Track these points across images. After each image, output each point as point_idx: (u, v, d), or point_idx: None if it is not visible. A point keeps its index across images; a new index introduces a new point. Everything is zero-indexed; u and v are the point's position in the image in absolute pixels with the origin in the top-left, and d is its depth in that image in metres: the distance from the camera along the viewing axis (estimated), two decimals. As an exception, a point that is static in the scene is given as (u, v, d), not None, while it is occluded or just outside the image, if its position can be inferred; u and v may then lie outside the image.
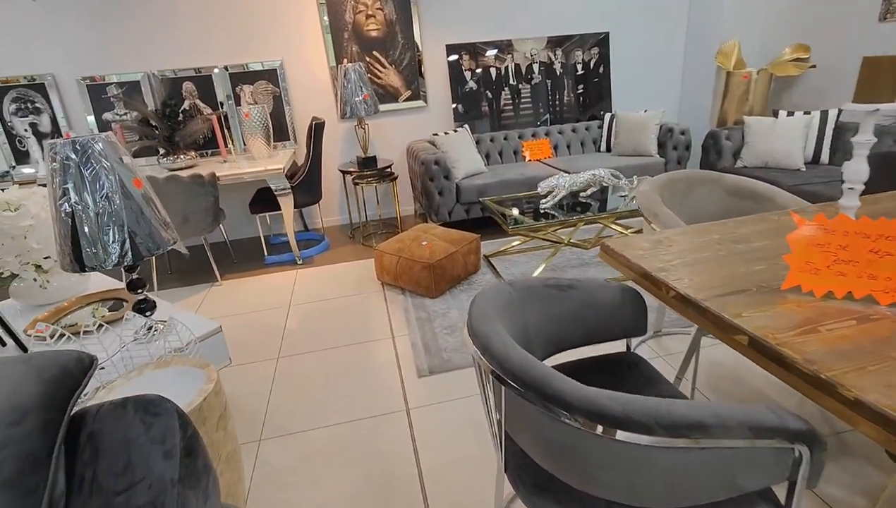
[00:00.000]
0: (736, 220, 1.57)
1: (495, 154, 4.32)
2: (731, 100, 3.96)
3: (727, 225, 1.55)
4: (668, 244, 1.45)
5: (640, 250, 1.42)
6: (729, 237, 1.46)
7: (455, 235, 3.11)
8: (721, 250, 1.37)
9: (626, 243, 1.47)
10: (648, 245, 1.45)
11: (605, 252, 1.49)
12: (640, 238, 1.50)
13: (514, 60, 4.32)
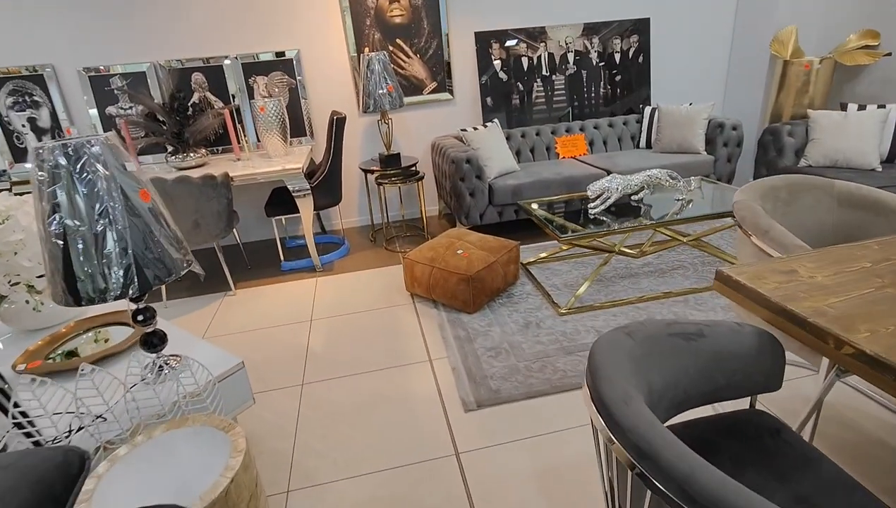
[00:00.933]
0: (881, 241, 1.27)
1: (527, 151, 4.00)
2: (788, 93, 3.62)
3: (871, 247, 1.25)
4: (806, 275, 1.15)
5: (772, 284, 1.12)
6: (886, 266, 1.15)
7: (492, 242, 2.82)
8: (886, 284, 1.07)
9: (751, 274, 1.17)
10: (781, 277, 1.15)
11: (725, 283, 1.20)
12: (764, 266, 1.21)
13: (548, 49, 4.00)
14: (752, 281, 1.14)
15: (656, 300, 2.60)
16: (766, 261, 1.22)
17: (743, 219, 1.53)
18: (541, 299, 2.72)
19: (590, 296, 2.69)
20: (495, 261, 2.68)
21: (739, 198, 1.62)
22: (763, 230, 1.45)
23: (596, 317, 2.49)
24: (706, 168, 3.64)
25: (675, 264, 2.99)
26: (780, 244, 1.40)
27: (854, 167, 2.99)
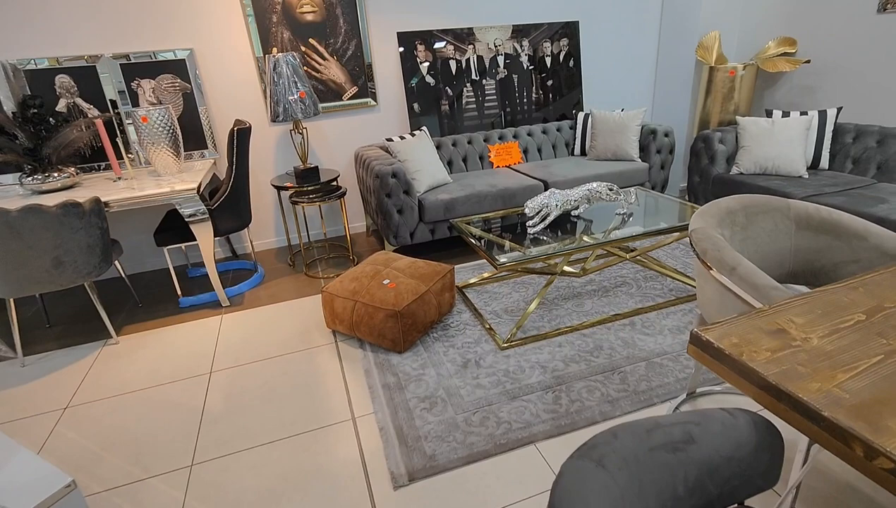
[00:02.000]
0: (863, 282, 1.08)
1: (459, 160, 3.73)
2: (715, 99, 3.61)
3: (857, 290, 1.06)
4: (799, 336, 0.93)
5: (763, 353, 0.89)
6: (883, 318, 0.96)
7: (424, 268, 2.50)
8: (893, 346, 0.87)
9: (735, 339, 0.93)
10: (771, 340, 0.92)
11: (703, 350, 0.95)
12: (745, 325, 0.98)
13: (477, 52, 3.75)
14: (739, 349, 0.90)
15: (602, 324, 2.41)
16: (747, 318, 0.99)
17: (704, 253, 1.32)
18: (480, 330, 2.44)
19: (533, 323, 2.45)
20: (427, 291, 2.36)
21: (697, 225, 1.42)
22: (729, 267, 1.24)
23: (540, 350, 2.24)
24: (641, 175, 3.55)
25: (617, 281, 2.82)
26: (750, 284, 1.19)
27: (783, 174, 2.98)
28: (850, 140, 3.01)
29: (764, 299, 1.16)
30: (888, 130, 2.85)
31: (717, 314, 1.31)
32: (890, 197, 2.50)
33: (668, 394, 1.91)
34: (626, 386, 1.98)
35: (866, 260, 1.42)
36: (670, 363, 2.09)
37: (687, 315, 2.42)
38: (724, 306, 1.28)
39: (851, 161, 2.98)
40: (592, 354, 2.19)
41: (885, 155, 2.82)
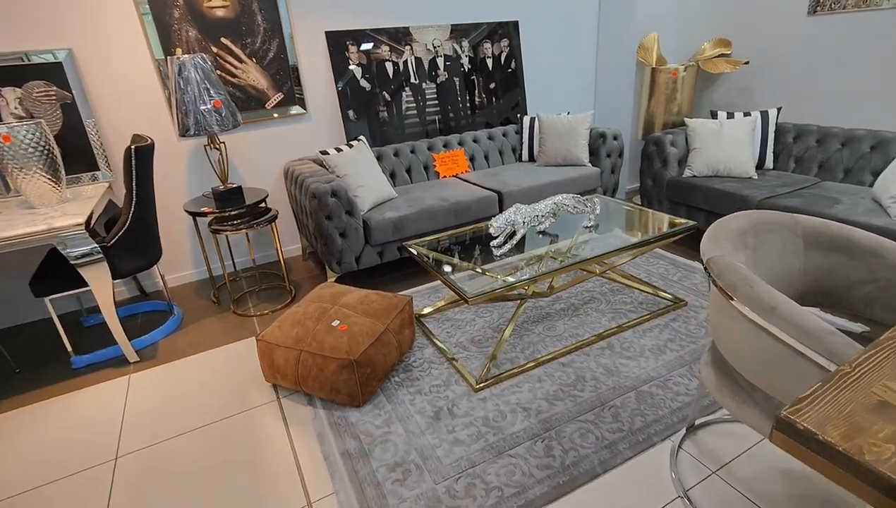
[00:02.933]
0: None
1: (402, 172, 3.42)
2: (659, 101, 3.57)
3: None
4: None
5: (887, 447, 0.67)
6: None
7: (378, 302, 2.16)
8: None
9: (841, 427, 0.71)
10: (883, 423, 0.71)
11: (801, 441, 0.72)
12: (841, 399, 0.76)
13: (415, 54, 3.46)
14: (853, 443, 0.68)
15: (580, 349, 2.20)
16: (833, 388, 0.78)
17: (732, 288, 1.11)
18: (447, 368, 2.15)
19: (505, 355, 2.20)
20: (385, 331, 2.03)
21: (713, 253, 1.22)
22: (768, 306, 1.05)
23: (519, 387, 1.99)
24: (593, 180, 3.43)
25: (585, 297, 2.65)
26: (798, 328, 0.99)
27: (734, 176, 2.96)
28: (791, 139, 3.06)
29: (819, 346, 0.97)
30: (826, 129, 2.91)
31: (752, 361, 1.12)
32: (841, 196, 2.52)
33: (666, 430, 1.73)
34: (621, 424, 1.77)
35: (885, 280, 1.29)
36: (659, 391, 1.92)
37: (663, 331, 2.29)
38: (760, 351, 1.08)
39: (794, 160, 3.02)
40: (576, 387, 1.97)
41: (826, 154, 2.88)
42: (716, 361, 1.35)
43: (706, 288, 2.60)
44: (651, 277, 2.80)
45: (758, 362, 1.11)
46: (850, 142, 2.79)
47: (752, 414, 1.19)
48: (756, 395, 1.21)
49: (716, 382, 1.30)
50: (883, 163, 2.65)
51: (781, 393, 1.08)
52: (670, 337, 2.24)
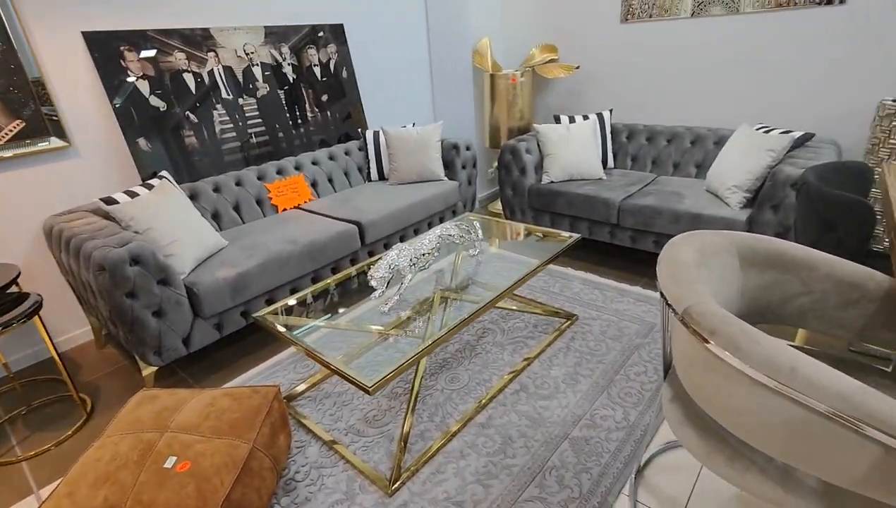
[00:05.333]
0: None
1: (228, 211, 2.70)
2: (501, 107, 3.51)
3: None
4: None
5: None
6: None
7: (231, 408, 1.54)
8: None
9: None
10: None
11: None
12: None
13: (223, 62, 2.76)
14: None
15: (493, 399, 1.91)
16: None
17: (735, 348, 0.89)
18: (345, 470, 1.64)
19: (414, 430, 1.78)
20: (252, 451, 1.44)
21: (690, 301, 0.99)
22: (787, 367, 0.85)
23: (443, 473, 1.60)
24: (454, 195, 3.20)
25: (478, 330, 2.38)
26: (829, 393, 0.80)
27: (587, 178, 3.01)
28: (624, 139, 3.24)
29: (856, 410, 0.79)
30: (652, 127, 3.15)
31: (764, 429, 0.91)
32: (681, 190, 2.70)
33: (617, 481, 1.53)
34: (570, 490, 1.51)
35: (819, 291, 1.25)
36: (591, 432, 1.72)
37: (568, 355, 2.13)
38: (775, 418, 0.89)
39: (631, 158, 3.21)
40: (506, 454, 1.66)
41: (656, 150, 3.11)
42: (689, 414, 1.16)
43: (591, 297, 2.55)
44: (534, 292, 2.66)
45: (772, 429, 0.91)
46: (675, 139, 3.05)
47: (759, 482, 1.01)
48: (758, 459, 1.03)
49: (702, 446, 1.09)
50: (702, 157, 2.94)
51: (806, 463, 0.90)
52: (577, 361, 2.09)
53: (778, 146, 2.31)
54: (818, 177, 1.60)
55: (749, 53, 2.86)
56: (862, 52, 2.54)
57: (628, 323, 2.33)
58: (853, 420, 0.81)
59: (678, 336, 1.08)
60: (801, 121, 2.82)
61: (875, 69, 2.53)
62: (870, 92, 2.57)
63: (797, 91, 2.78)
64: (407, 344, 1.66)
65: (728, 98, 3.02)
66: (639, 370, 2.01)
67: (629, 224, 2.67)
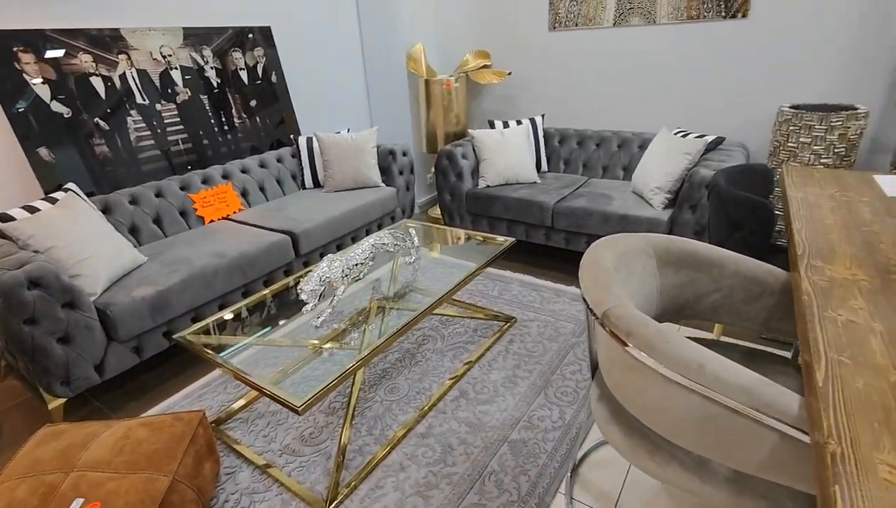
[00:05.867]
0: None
1: (148, 225, 2.53)
2: (437, 113, 3.51)
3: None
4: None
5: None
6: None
7: (148, 438, 1.43)
8: None
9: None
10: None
11: None
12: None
13: (137, 65, 2.58)
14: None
15: (433, 407, 1.89)
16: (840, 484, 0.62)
17: (650, 348, 0.93)
18: (279, 494, 1.57)
19: (352, 446, 1.73)
20: (173, 484, 1.34)
21: (609, 304, 1.03)
22: (696, 364, 0.89)
23: (382, 488, 1.57)
24: (392, 202, 3.17)
25: (418, 338, 2.36)
26: (733, 386, 0.85)
27: (522, 182, 3.07)
28: (556, 143, 3.34)
29: (755, 402, 0.85)
30: (582, 132, 3.27)
31: (679, 423, 0.96)
32: (610, 192, 2.82)
33: (554, 481, 1.56)
34: (509, 494, 1.52)
35: (727, 287, 1.33)
36: (529, 433, 1.75)
37: (507, 358, 2.16)
38: (687, 412, 0.93)
39: (563, 162, 3.31)
40: (447, 462, 1.65)
41: (587, 154, 3.23)
42: (615, 412, 1.19)
43: (529, 299, 2.60)
44: (474, 297, 2.68)
45: (686, 424, 0.96)
46: (603, 143, 3.18)
47: (678, 474, 1.05)
48: (677, 452, 1.07)
49: (626, 442, 1.13)
50: (628, 159, 3.08)
51: (718, 454, 0.95)
52: (515, 363, 2.12)
53: (693, 149, 2.46)
54: (726, 180, 1.71)
55: (666, 61, 3.04)
56: (763, 61, 2.76)
57: (564, 322, 2.39)
58: (753, 410, 0.86)
59: (600, 338, 1.11)
60: (714, 126, 3.03)
61: (775, 77, 2.76)
62: (771, 99, 2.80)
63: (709, 97, 2.98)
64: (345, 356, 1.62)
65: (649, 103, 3.19)
66: (574, 368, 2.07)
67: (563, 226, 2.75)
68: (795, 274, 1.15)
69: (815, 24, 2.58)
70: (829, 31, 2.55)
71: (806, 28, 2.60)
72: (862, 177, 1.81)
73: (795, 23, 2.62)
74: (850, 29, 2.50)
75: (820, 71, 2.63)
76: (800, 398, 0.84)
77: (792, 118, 2.41)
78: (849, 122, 2.29)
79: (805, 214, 1.46)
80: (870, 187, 1.70)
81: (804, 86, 2.70)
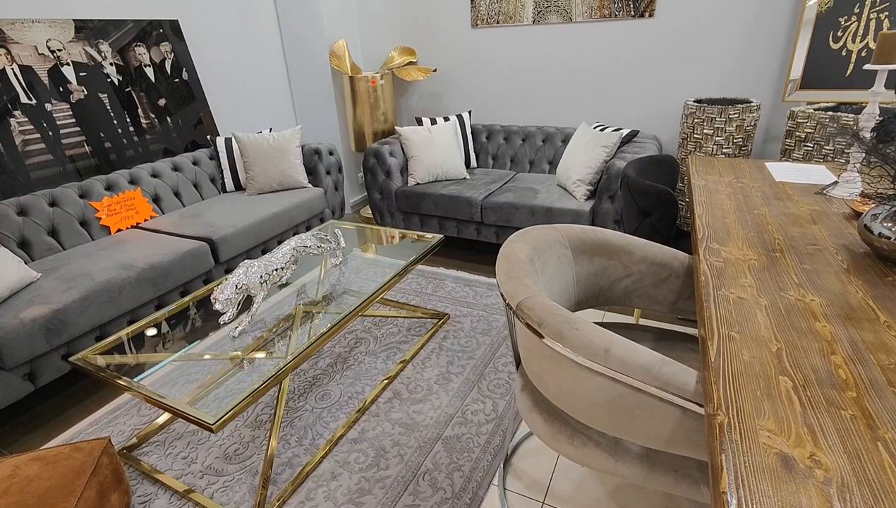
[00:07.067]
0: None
1: (41, 237, 2.29)
2: (364, 110, 3.44)
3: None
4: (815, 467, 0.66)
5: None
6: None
7: (41, 474, 1.28)
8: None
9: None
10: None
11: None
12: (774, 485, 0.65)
13: (19, 60, 2.32)
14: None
15: (366, 410, 1.85)
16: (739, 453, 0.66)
17: (559, 336, 0.95)
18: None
19: (280, 460, 1.66)
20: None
21: (522, 295, 1.04)
22: (602, 349, 0.92)
23: (312, 500, 1.51)
24: (320, 203, 3.07)
25: (350, 341, 2.30)
26: (636, 367, 0.89)
27: (451, 178, 3.08)
28: (484, 139, 3.38)
29: (658, 381, 0.88)
30: (508, 128, 3.33)
31: (591, 405, 0.99)
32: (536, 185, 2.89)
33: (487, 474, 1.57)
34: (443, 491, 1.52)
35: (637, 273, 1.39)
36: (463, 428, 1.75)
37: (440, 355, 2.15)
38: (597, 395, 0.96)
39: (491, 157, 3.36)
40: (380, 466, 1.62)
41: (513, 149, 3.29)
42: (537, 401, 1.21)
43: (462, 295, 2.61)
44: (407, 296, 2.66)
45: (597, 406, 0.99)
46: (528, 138, 3.25)
47: (595, 455, 1.09)
48: (593, 435, 1.11)
49: (547, 429, 1.15)
50: (552, 153, 3.18)
51: (628, 433, 0.98)
52: (449, 360, 2.12)
53: (610, 142, 2.57)
54: (636, 171, 1.80)
55: (584, 58, 3.16)
56: (670, 57, 2.94)
57: (497, 316, 2.42)
58: (656, 389, 0.90)
59: (518, 329, 1.13)
60: (630, 119, 3.19)
61: (681, 73, 2.94)
62: (679, 93, 2.99)
63: (624, 92, 3.13)
64: (271, 365, 1.54)
65: (570, 99, 3.30)
66: (506, 360, 2.10)
67: (492, 220, 2.79)
68: (696, 257, 1.23)
69: (713, 22, 2.77)
70: (726, 28, 2.75)
71: (705, 26, 2.79)
72: (755, 164, 1.97)
73: (696, 21, 2.81)
74: (742, 29, 2.71)
75: (719, 67, 2.84)
76: (697, 373, 0.89)
77: (696, 111, 2.58)
78: (744, 115, 2.48)
79: (706, 200, 1.56)
80: (761, 174, 1.84)
81: (706, 81, 2.90)
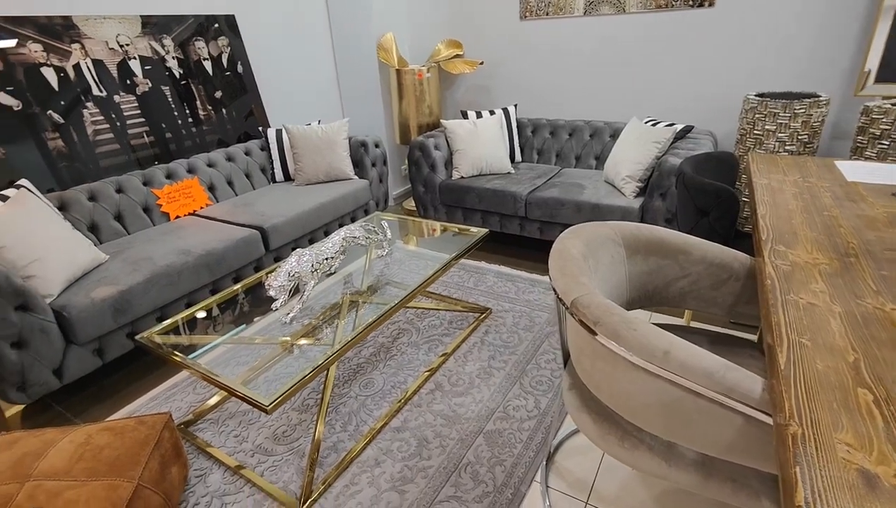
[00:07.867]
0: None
1: (108, 222, 2.43)
2: (409, 103, 3.47)
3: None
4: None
5: None
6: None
7: (111, 443, 1.38)
8: None
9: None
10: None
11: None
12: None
13: (92, 55, 2.46)
14: None
15: (409, 400, 1.88)
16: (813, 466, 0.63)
17: (615, 335, 0.93)
18: (250, 495, 1.54)
19: (325, 443, 1.71)
20: (137, 490, 1.30)
21: (577, 293, 1.02)
22: (661, 351, 0.89)
23: (357, 485, 1.55)
24: (365, 194, 3.12)
25: (393, 331, 2.33)
26: (697, 372, 0.86)
27: (496, 172, 3.06)
28: (529, 133, 3.34)
29: (719, 386, 0.85)
30: (554, 122, 3.27)
31: (647, 408, 0.96)
32: (582, 181, 2.83)
33: (529, 471, 1.56)
34: (485, 485, 1.52)
35: (695, 274, 1.34)
36: (505, 423, 1.75)
37: (482, 349, 2.15)
38: (654, 398, 0.93)
39: (536, 152, 3.31)
40: (422, 456, 1.64)
41: (559, 144, 3.23)
42: (585, 399, 1.20)
43: (504, 289, 2.60)
44: (449, 289, 2.67)
45: (652, 409, 0.96)
46: (575, 133, 3.19)
47: (647, 459, 1.06)
48: (645, 437, 1.08)
49: (596, 429, 1.13)
50: (600, 148, 3.10)
51: (684, 438, 0.95)
52: (491, 355, 2.12)
53: (662, 138, 2.49)
54: (693, 168, 1.73)
55: (636, 50, 3.06)
56: (729, 49, 2.80)
57: (539, 312, 2.40)
58: (718, 394, 0.87)
59: (570, 326, 1.11)
60: (684, 114, 3.07)
61: (741, 66, 2.80)
62: (737, 86, 2.85)
63: (678, 86, 3.01)
64: (318, 352, 1.58)
65: (620, 92, 3.20)
66: (549, 357, 2.08)
67: (536, 216, 2.75)
68: (759, 259, 1.17)
69: (779, 12, 2.62)
70: (793, 19, 2.60)
71: (770, 17, 2.65)
72: (823, 163, 1.85)
73: (760, 11, 2.66)
74: (812, 18, 2.55)
75: (784, 59, 2.68)
76: (763, 380, 0.85)
77: (757, 106, 2.45)
78: (811, 110, 2.34)
79: (769, 200, 1.49)
80: (831, 173, 1.74)
81: (769, 75, 2.75)
